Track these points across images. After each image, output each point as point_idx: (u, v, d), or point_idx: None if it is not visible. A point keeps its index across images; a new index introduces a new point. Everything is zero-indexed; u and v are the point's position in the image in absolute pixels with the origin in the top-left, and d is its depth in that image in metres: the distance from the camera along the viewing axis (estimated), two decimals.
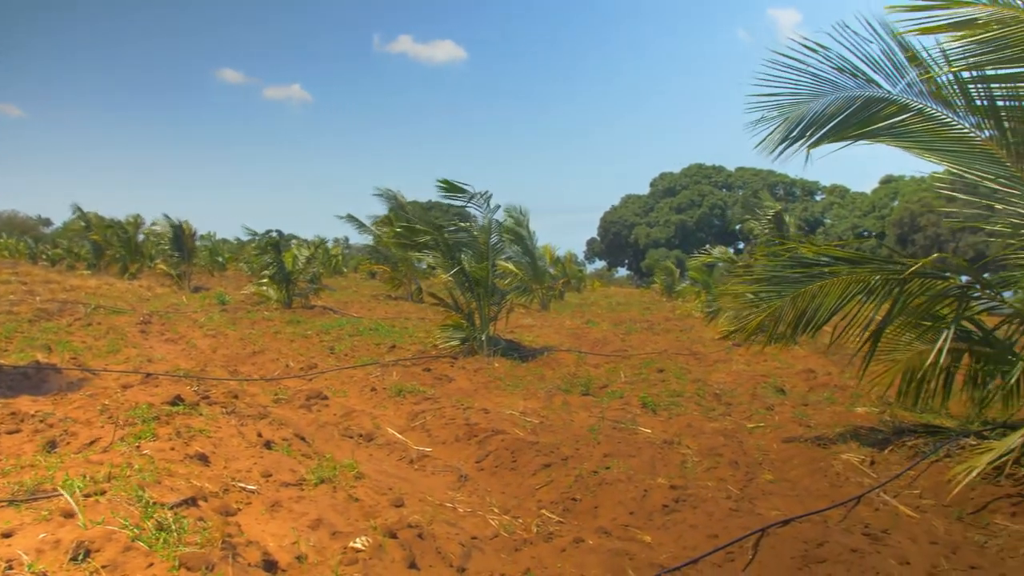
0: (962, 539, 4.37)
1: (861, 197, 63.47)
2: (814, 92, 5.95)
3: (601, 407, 7.81)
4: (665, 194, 69.61)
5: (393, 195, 22.36)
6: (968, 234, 29.95)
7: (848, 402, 8.00)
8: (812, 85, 5.92)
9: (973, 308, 5.77)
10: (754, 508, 4.80)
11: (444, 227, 12.18)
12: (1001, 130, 5.40)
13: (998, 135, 5.45)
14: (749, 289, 6.56)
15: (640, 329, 16.67)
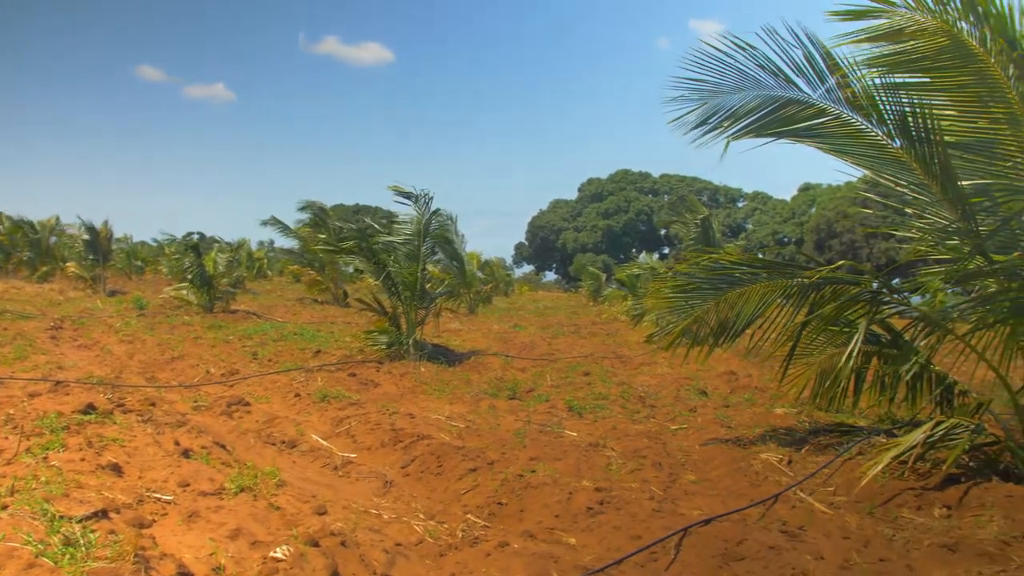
0: (873, 533, 4.54)
1: (781, 204, 65.51)
2: (737, 86, 6.05)
3: (527, 411, 7.85)
4: (593, 199, 70.48)
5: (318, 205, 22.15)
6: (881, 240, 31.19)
7: (767, 403, 8.23)
8: (736, 79, 6.02)
9: (883, 312, 6.00)
10: (677, 508, 4.89)
11: (371, 231, 12.07)
12: (908, 139, 5.63)
13: (907, 144, 5.68)
14: (674, 296, 6.68)
15: (567, 333, 16.82)
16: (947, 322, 5.93)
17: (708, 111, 6.16)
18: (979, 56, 5.08)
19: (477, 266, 25.81)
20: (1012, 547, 4.18)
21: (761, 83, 5.97)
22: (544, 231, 70.77)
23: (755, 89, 6.02)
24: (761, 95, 6.02)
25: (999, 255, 5.66)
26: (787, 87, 5.92)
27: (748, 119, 6.14)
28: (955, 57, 5.20)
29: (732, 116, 6.16)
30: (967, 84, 5.31)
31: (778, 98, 5.99)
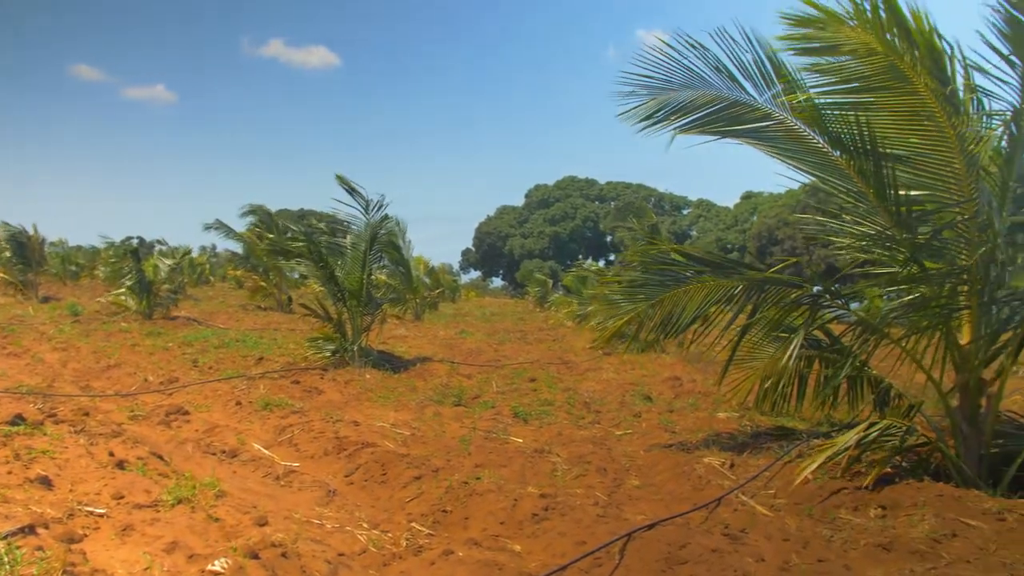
0: (812, 534, 4.63)
1: (724, 211, 66.80)
2: (686, 83, 6.11)
3: (473, 418, 7.83)
4: (539, 205, 70.83)
5: (260, 208, 21.77)
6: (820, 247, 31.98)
7: (711, 408, 8.35)
8: (685, 77, 6.08)
9: (823, 317, 6.14)
10: (621, 513, 4.92)
11: (317, 236, 11.91)
12: (847, 149, 5.78)
13: (846, 154, 5.83)
14: (620, 292, 6.72)
15: (513, 339, 16.85)
16: (883, 326, 6.10)
17: (657, 106, 6.23)
18: (911, 77, 5.23)
19: (424, 272, 25.72)
20: (942, 545, 4.31)
21: (710, 83, 6.05)
22: (491, 237, 70.87)
23: (704, 88, 6.09)
24: (709, 94, 6.10)
25: (932, 263, 5.85)
26: (735, 89, 6.01)
27: (696, 115, 6.22)
28: (890, 76, 5.34)
29: (680, 111, 6.23)
30: (901, 101, 5.46)
31: (725, 98, 6.08)
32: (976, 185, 5.41)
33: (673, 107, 6.22)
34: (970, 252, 5.51)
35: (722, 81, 6.01)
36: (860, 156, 5.69)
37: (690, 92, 6.14)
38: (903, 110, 5.51)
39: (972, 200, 5.43)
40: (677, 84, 6.14)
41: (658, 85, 6.18)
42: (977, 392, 5.56)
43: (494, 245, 70.69)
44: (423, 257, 27.04)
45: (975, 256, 5.44)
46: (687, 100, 6.17)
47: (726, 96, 6.06)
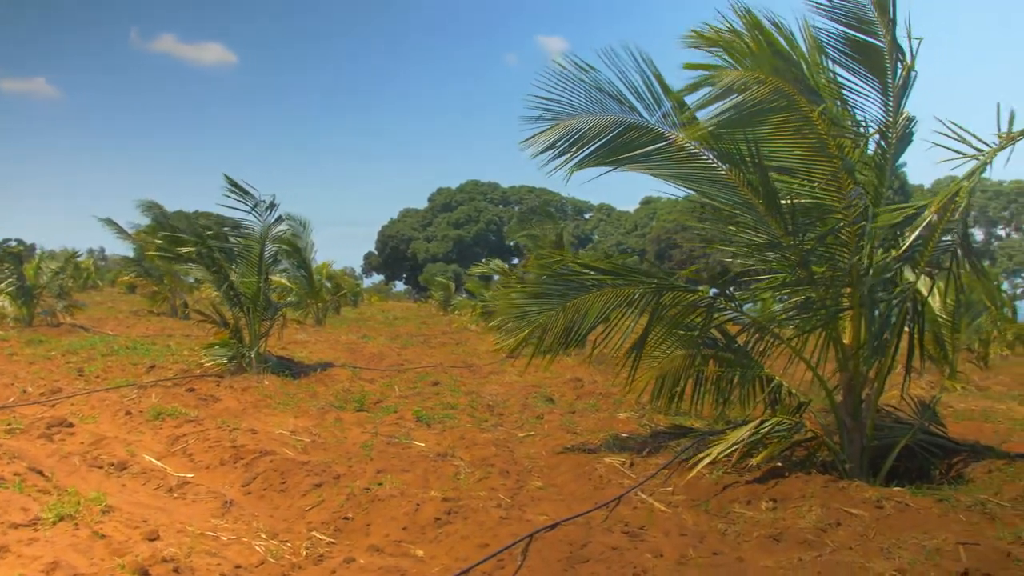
0: (707, 528, 4.79)
1: (625, 216, 68.31)
2: (586, 108, 6.21)
3: (375, 423, 7.73)
4: (443, 209, 70.65)
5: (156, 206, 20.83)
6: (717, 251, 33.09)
7: (611, 408, 8.51)
8: (586, 102, 6.18)
9: (719, 318, 6.35)
10: (523, 515, 4.95)
11: (213, 238, 11.51)
12: (733, 163, 6.00)
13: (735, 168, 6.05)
14: (523, 301, 6.77)
15: (417, 343, 16.75)
16: (774, 327, 6.36)
17: (559, 136, 6.29)
18: (792, 94, 5.48)
19: (326, 276, 25.25)
20: (828, 533, 4.53)
21: (606, 107, 6.16)
22: (394, 240, 70.24)
23: (602, 112, 6.20)
24: (607, 118, 6.21)
25: (817, 267, 6.14)
26: (629, 112, 6.13)
27: (593, 145, 6.32)
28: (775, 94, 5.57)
29: (580, 140, 6.31)
30: (786, 117, 5.70)
31: (621, 122, 6.19)
32: (855, 192, 5.71)
33: (575, 137, 6.29)
34: (850, 256, 5.81)
35: (618, 105, 6.12)
36: (749, 171, 5.92)
37: (590, 118, 6.23)
38: (788, 125, 5.75)
39: (852, 206, 5.73)
40: (580, 109, 6.21)
41: (563, 111, 6.25)
42: (859, 388, 5.87)
43: (397, 248, 70.08)
44: (326, 260, 26.57)
45: (855, 259, 5.74)
46: (587, 127, 6.25)
47: (622, 119, 6.17)
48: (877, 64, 5.63)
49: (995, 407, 9.39)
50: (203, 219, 28.39)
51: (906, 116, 5.78)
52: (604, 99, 6.11)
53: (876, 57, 5.60)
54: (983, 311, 14.17)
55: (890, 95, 5.72)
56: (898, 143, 5.88)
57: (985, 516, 4.74)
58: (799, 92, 5.45)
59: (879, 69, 5.66)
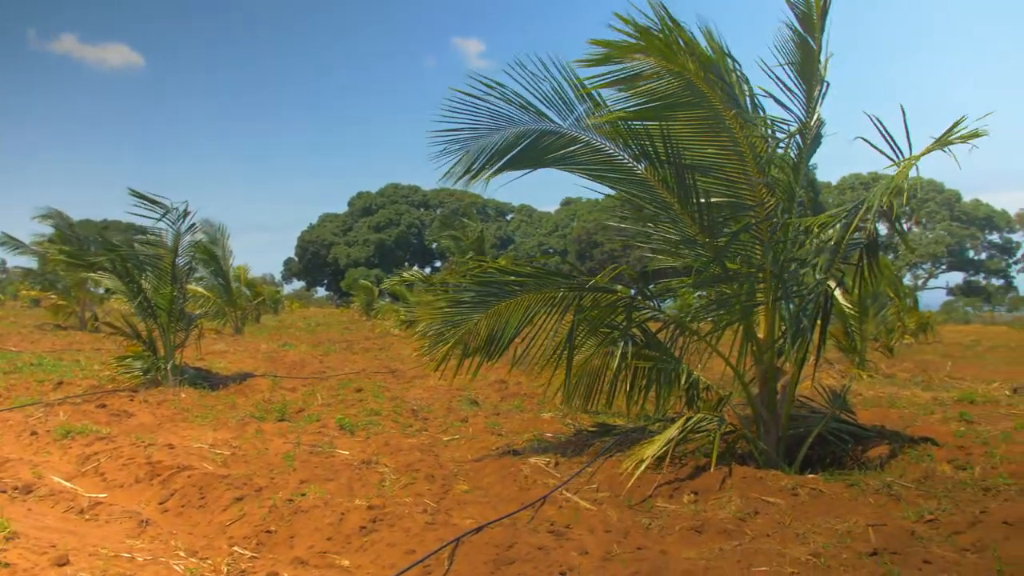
0: (631, 524, 4.86)
1: (546, 217, 68.85)
2: (493, 127, 6.25)
3: (297, 432, 7.58)
4: (363, 213, 69.88)
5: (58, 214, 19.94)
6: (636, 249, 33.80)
7: (536, 409, 8.56)
8: (491, 121, 6.21)
9: (639, 317, 6.46)
10: (450, 519, 4.93)
11: (123, 247, 11.08)
12: (652, 162, 6.12)
13: (650, 167, 6.17)
14: (446, 309, 6.74)
15: (339, 349, 16.52)
16: (693, 323, 6.51)
17: (471, 159, 6.33)
18: (707, 92, 5.61)
19: (244, 282, 24.66)
20: (747, 522, 4.67)
21: (514, 120, 6.20)
22: (314, 246, 69.10)
23: (510, 127, 6.23)
24: (516, 130, 6.25)
25: (732, 263, 6.31)
26: (540, 120, 6.18)
27: (508, 156, 6.36)
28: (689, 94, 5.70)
29: (494, 156, 6.35)
30: (700, 116, 5.83)
31: (532, 131, 6.25)
32: (768, 190, 5.90)
33: (486, 154, 6.33)
34: (764, 252, 6.00)
35: (527, 115, 6.17)
36: (664, 168, 6.05)
37: (498, 134, 6.26)
38: (702, 124, 5.89)
39: (764, 204, 5.92)
40: (485, 129, 6.25)
41: (468, 136, 6.28)
42: (774, 381, 6.06)
43: (318, 254, 68.96)
44: (244, 267, 25.93)
45: (768, 256, 5.93)
46: (497, 143, 6.29)
47: (533, 128, 6.22)
48: (807, 66, 5.80)
49: (900, 393, 9.81)
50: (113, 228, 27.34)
51: (819, 119, 5.99)
52: (513, 112, 6.14)
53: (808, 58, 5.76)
54: (888, 302, 14.83)
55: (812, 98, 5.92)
56: (811, 144, 6.10)
57: (892, 498, 4.96)
58: (712, 90, 5.59)
59: (808, 70, 5.83)
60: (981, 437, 6.42)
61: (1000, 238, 59.07)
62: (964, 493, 5.03)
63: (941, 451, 5.95)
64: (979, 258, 59.16)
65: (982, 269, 59.24)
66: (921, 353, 17.00)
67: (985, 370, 13.69)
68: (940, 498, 4.92)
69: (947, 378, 12.03)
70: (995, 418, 7.71)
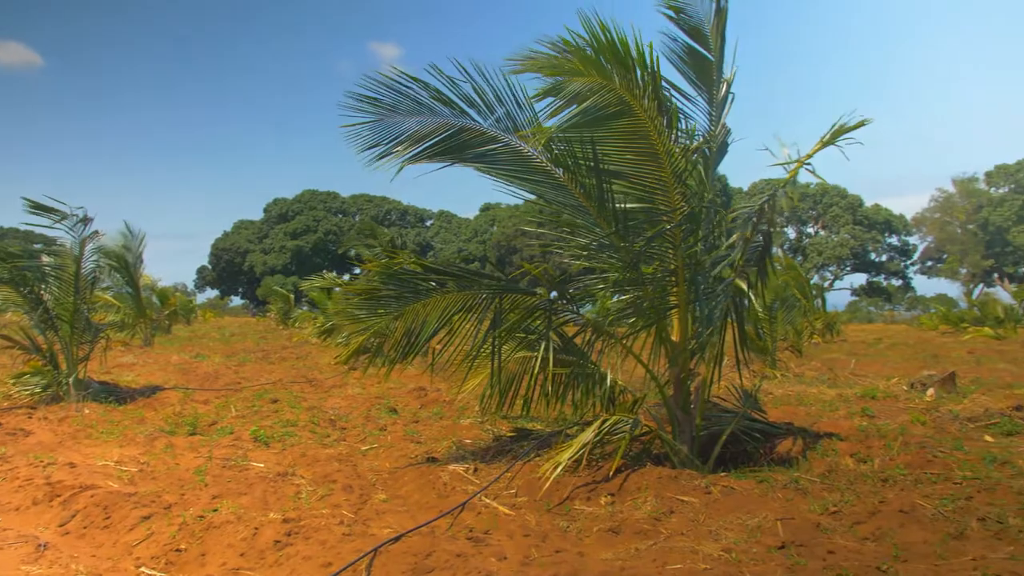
0: (550, 527, 4.90)
1: (465, 223, 68.82)
2: (414, 112, 6.17)
3: (210, 446, 7.36)
4: (279, 219, 68.48)
5: None
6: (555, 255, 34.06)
7: (455, 415, 8.54)
8: (413, 106, 6.14)
9: (557, 320, 6.51)
10: (368, 530, 4.87)
11: (22, 256, 10.53)
12: (570, 167, 6.18)
13: (569, 172, 6.22)
14: (360, 308, 6.63)
15: (255, 359, 16.13)
16: (609, 327, 6.60)
17: (383, 132, 6.22)
18: (628, 100, 5.70)
19: (155, 292, 23.83)
20: (662, 522, 4.76)
21: (436, 111, 6.16)
22: (229, 253, 67.32)
23: (432, 117, 6.19)
24: (437, 121, 6.21)
25: (647, 268, 6.43)
26: (461, 116, 6.17)
27: (425, 144, 6.31)
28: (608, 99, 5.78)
29: (409, 140, 6.29)
30: (619, 123, 5.92)
31: (453, 125, 6.22)
32: (682, 196, 6.03)
33: (402, 136, 6.26)
34: (677, 257, 6.14)
35: (449, 110, 6.14)
36: (582, 173, 6.12)
37: (418, 119, 6.20)
38: (621, 131, 5.96)
39: (678, 210, 6.05)
40: (405, 111, 6.17)
41: (386, 109, 6.15)
42: (687, 382, 6.20)
43: (232, 262, 67.20)
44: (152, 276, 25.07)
45: (681, 260, 6.07)
46: (417, 128, 6.22)
47: (454, 123, 6.20)
48: (706, 77, 5.95)
49: (808, 391, 10.19)
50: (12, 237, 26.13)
51: (724, 128, 6.17)
52: (435, 105, 6.10)
53: (706, 71, 5.91)
54: (796, 304, 15.38)
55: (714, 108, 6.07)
56: (718, 152, 6.27)
57: (799, 492, 5.15)
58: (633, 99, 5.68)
59: (708, 81, 5.98)
60: (881, 431, 6.71)
61: (899, 241, 61.98)
62: (865, 485, 5.26)
63: (844, 445, 6.20)
64: (880, 260, 61.91)
65: (883, 270, 62.01)
66: (828, 352, 17.67)
67: (886, 367, 14.33)
68: (843, 491, 5.13)
69: (851, 375, 12.54)
70: (894, 412, 8.09)
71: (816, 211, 61.94)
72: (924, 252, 60.95)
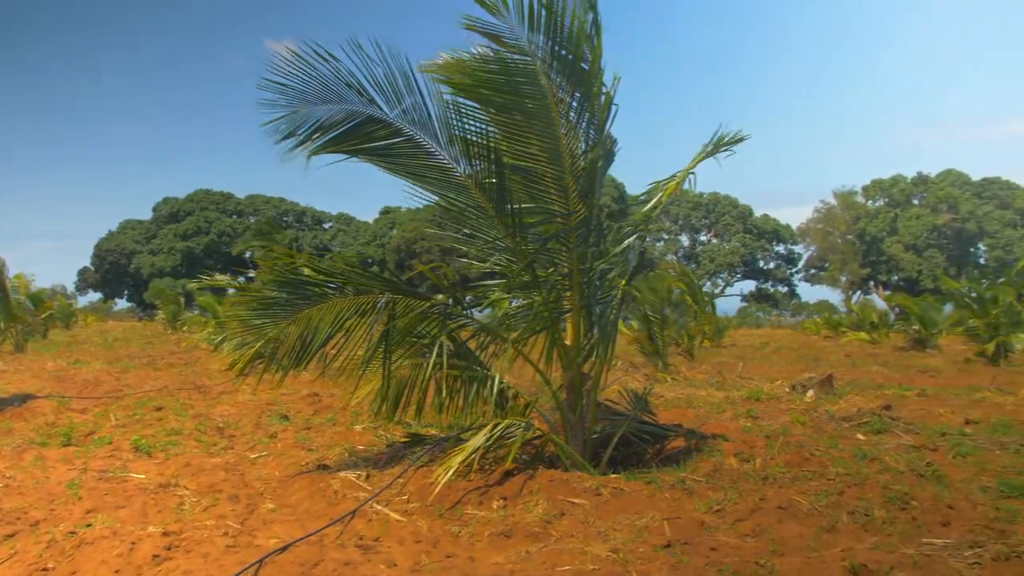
0: (441, 533, 4.87)
1: (364, 226, 67.93)
2: (322, 98, 6.00)
3: (85, 457, 6.96)
4: (169, 220, 65.84)
5: None
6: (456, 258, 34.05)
7: (348, 422, 8.38)
8: (321, 89, 5.97)
9: (452, 325, 6.47)
10: (254, 540, 4.71)
11: None
12: (468, 161, 6.16)
13: (468, 170, 6.21)
14: (252, 312, 6.42)
15: (139, 366, 15.42)
16: (503, 331, 6.61)
17: (297, 120, 6.05)
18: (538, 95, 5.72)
19: (24, 293, 22.45)
20: (553, 524, 4.80)
21: (344, 97, 6.00)
22: (114, 255, 64.21)
23: (340, 103, 6.03)
24: (345, 108, 6.05)
25: (543, 271, 6.49)
26: (369, 105, 6.03)
27: (334, 133, 6.15)
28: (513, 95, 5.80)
29: (319, 128, 6.13)
30: (520, 119, 5.95)
31: (359, 113, 6.08)
32: (579, 199, 6.10)
33: (312, 125, 6.10)
34: (570, 260, 6.22)
35: (357, 96, 6.01)
36: (482, 172, 6.12)
37: (327, 107, 6.04)
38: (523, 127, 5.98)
39: (575, 213, 6.13)
40: (315, 98, 6.02)
41: (297, 96, 5.97)
42: (580, 386, 6.28)
43: (118, 263, 64.12)
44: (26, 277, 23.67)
45: (574, 263, 6.16)
46: (326, 116, 6.08)
47: (360, 111, 6.08)
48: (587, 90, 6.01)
49: (697, 393, 10.51)
50: None
51: (610, 137, 6.27)
52: (343, 90, 5.96)
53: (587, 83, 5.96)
54: (688, 309, 15.86)
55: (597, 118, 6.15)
56: (605, 159, 6.37)
57: (685, 492, 5.29)
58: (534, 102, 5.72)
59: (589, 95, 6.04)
60: (763, 431, 6.99)
61: (785, 249, 64.95)
62: (747, 483, 5.46)
63: (730, 446, 6.42)
64: (768, 267, 64.72)
65: (770, 277, 64.84)
66: (718, 356, 18.31)
67: (772, 369, 14.96)
68: (727, 489, 5.31)
69: (738, 378, 13.01)
70: (776, 413, 8.45)
71: (709, 220, 64.19)
72: (808, 260, 64.07)
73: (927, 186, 59.39)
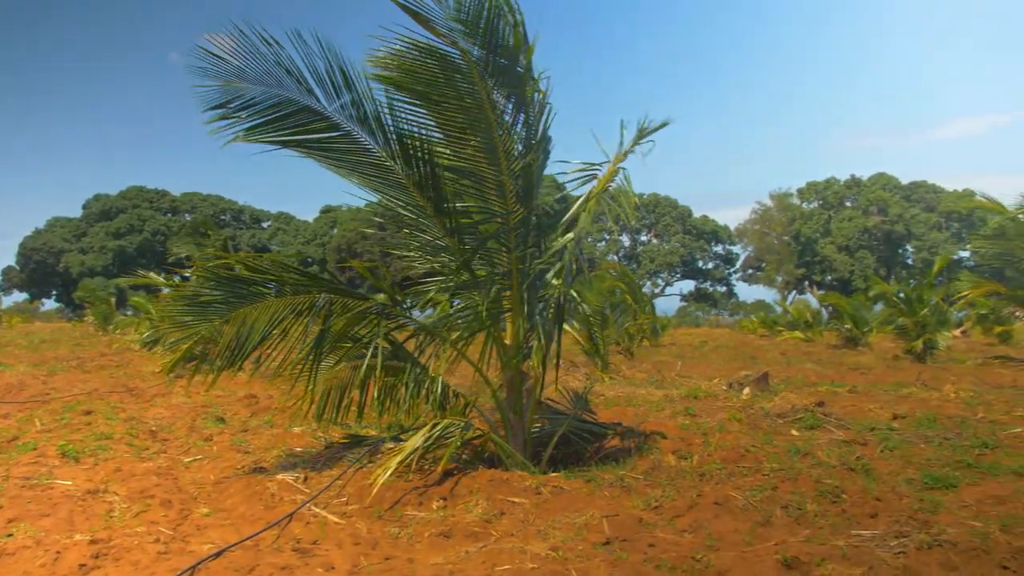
0: (380, 534, 4.82)
1: (304, 225, 66.98)
2: (261, 80, 5.85)
3: (7, 464, 6.68)
4: (101, 217, 63.86)
5: None
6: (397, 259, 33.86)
7: (287, 423, 8.24)
8: (261, 73, 5.82)
9: (390, 325, 6.41)
10: (187, 547, 4.60)
11: None
12: (408, 162, 6.11)
13: (406, 167, 6.15)
14: (185, 310, 6.27)
15: (68, 368, 14.91)
16: (442, 331, 6.59)
17: (231, 93, 5.88)
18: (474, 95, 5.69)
19: None
20: (492, 524, 4.81)
21: (283, 84, 5.87)
22: (41, 253, 61.97)
23: (278, 88, 5.91)
24: (283, 96, 5.93)
25: (482, 271, 6.48)
26: (307, 96, 5.92)
27: (268, 117, 6.01)
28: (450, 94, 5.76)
29: (252, 106, 5.97)
30: (458, 118, 5.92)
31: (296, 102, 5.97)
32: (517, 199, 6.11)
33: (247, 102, 5.95)
34: (510, 260, 6.23)
35: (296, 86, 5.90)
36: (419, 168, 6.08)
37: (264, 89, 5.91)
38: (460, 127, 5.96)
39: (514, 213, 6.13)
40: (252, 77, 5.86)
41: (233, 72, 5.79)
42: (520, 385, 6.29)
43: (45, 262, 61.91)
44: None
45: (513, 263, 6.16)
46: (261, 97, 5.94)
47: (297, 100, 5.96)
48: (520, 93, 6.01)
49: (637, 392, 10.64)
50: None
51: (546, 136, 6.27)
52: (282, 75, 5.84)
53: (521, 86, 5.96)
54: (628, 308, 16.02)
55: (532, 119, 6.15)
56: (542, 160, 6.38)
57: (624, 489, 5.35)
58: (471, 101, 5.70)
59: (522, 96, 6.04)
60: (701, 428, 7.11)
61: (723, 250, 66.24)
62: (684, 480, 5.55)
63: (668, 443, 6.51)
64: (707, 267, 65.88)
65: (709, 277, 66.02)
66: (657, 355, 18.54)
67: (710, 368, 15.21)
68: (664, 486, 5.38)
69: (677, 377, 13.21)
70: (714, 411, 8.60)
71: (649, 220, 65.05)
72: (745, 261, 65.47)
73: (859, 189, 61.28)
